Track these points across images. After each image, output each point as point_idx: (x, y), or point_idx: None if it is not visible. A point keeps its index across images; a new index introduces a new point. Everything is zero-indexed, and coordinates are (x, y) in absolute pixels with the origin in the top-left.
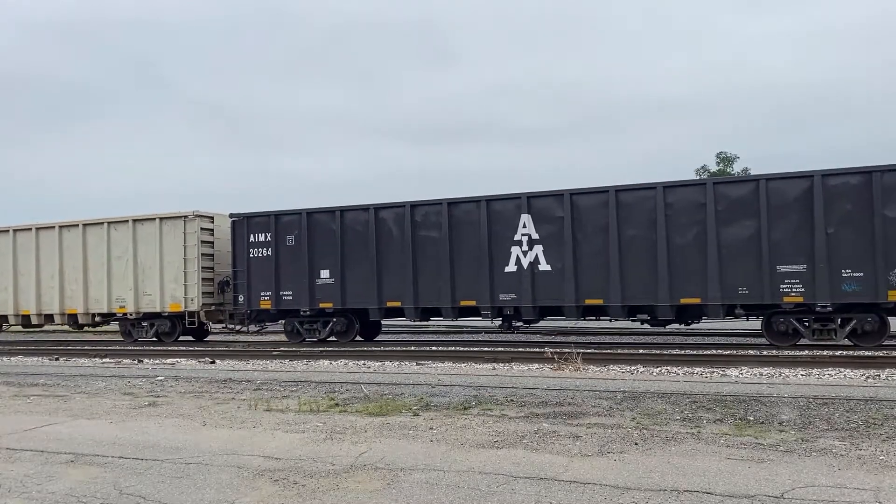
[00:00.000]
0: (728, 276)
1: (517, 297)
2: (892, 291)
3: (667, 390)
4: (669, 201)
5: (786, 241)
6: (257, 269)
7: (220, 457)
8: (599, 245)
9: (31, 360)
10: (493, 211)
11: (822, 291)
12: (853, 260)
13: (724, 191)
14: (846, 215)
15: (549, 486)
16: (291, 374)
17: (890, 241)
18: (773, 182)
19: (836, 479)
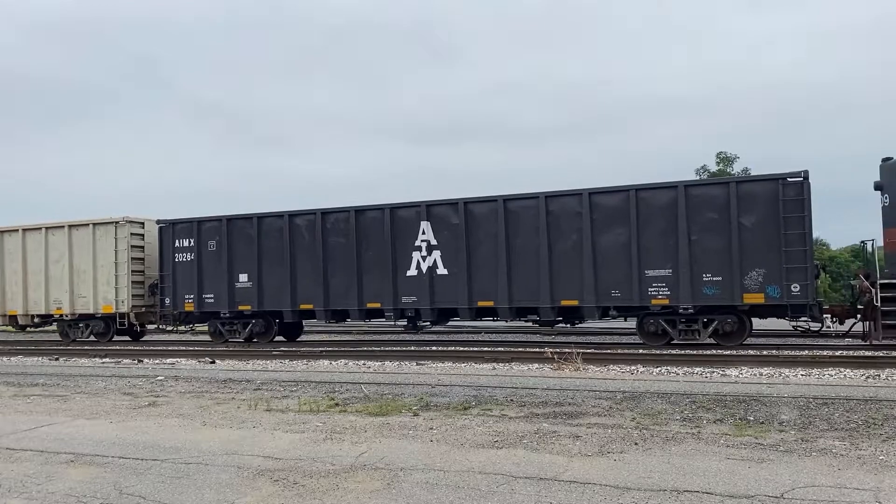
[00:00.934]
0: (602, 280)
1: (418, 299)
2: (747, 294)
3: (667, 390)
4: (551, 209)
5: (654, 248)
6: (182, 272)
7: (220, 457)
8: (490, 250)
9: (31, 360)
10: (397, 218)
11: (684, 295)
12: (713, 265)
13: (598, 200)
14: (707, 223)
15: (549, 486)
16: (291, 374)
17: (745, 247)
18: (643, 192)
19: (836, 479)
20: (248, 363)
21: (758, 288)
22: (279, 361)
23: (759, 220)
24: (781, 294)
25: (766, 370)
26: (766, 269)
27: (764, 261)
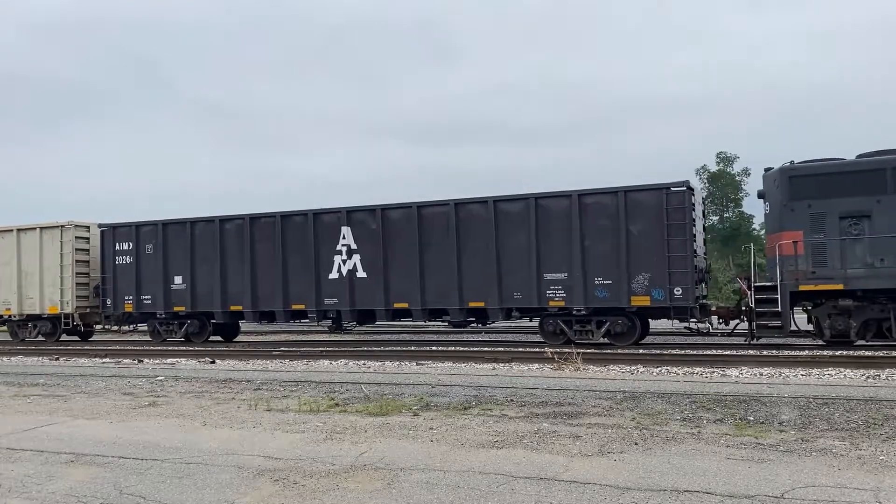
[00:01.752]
0: (506, 283)
1: (339, 301)
2: (634, 297)
3: (667, 390)
4: (461, 216)
5: (551, 253)
6: (122, 274)
7: (220, 457)
8: (405, 255)
9: (31, 360)
10: (320, 223)
11: (578, 297)
12: (604, 269)
13: (503, 207)
14: (599, 230)
15: (549, 486)
16: (291, 374)
17: (632, 253)
18: (542, 200)
19: (836, 479)
20: (248, 363)
21: (644, 291)
22: (279, 361)
23: (645, 227)
24: (665, 297)
25: (766, 370)
26: (651, 274)
27: (650, 265)
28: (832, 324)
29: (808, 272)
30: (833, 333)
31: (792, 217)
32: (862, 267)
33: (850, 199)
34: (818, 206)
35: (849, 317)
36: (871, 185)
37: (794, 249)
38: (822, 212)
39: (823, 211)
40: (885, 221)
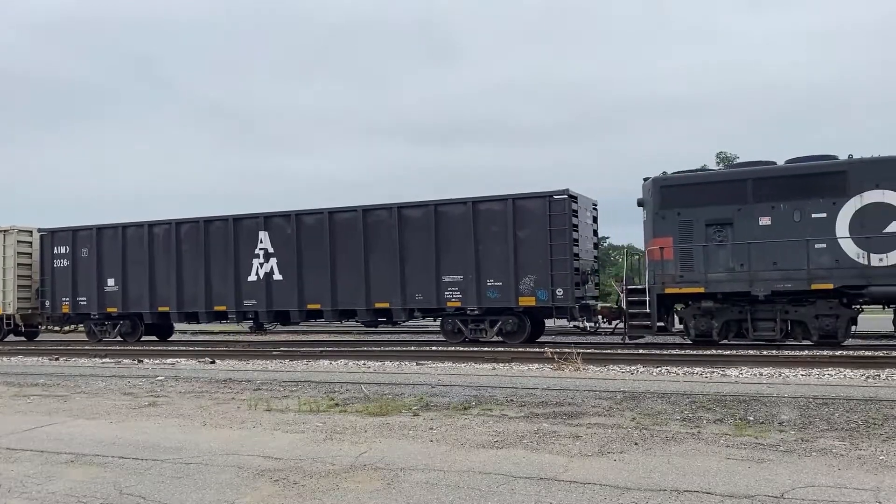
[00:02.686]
0: (408, 285)
1: (257, 302)
2: (521, 298)
3: (667, 390)
4: (368, 222)
5: (449, 256)
6: (60, 277)
7: (220, 457)
8: (318, 258)
9: (31, 360)
10: (240, 228)
11: (472, 298)
12: (495, 272)
13: (406, 213)
14: (491, 235)
15: (549, 486)
16: (291, 374)
17: (520, 256)
18: (441, 206)
19: (836, 479)
20: (248, 363)
21: (530, 292)
22: (279, 361)
23: (531, 232)
24: (548, 297)
25: (766, 370)
26: (536, 276)
27: (535, 268)
28: (696, 324)
29: (676, 276)
30: (697, 333)
31: (663, 224)
32: (724, 271)
33: (715, 208)
34: (686, 215)
35: (711, 318)
36: (733, 195)
37: (663, 255)
38: (690, 219)
39: (691, 219)
40: (745, 228)
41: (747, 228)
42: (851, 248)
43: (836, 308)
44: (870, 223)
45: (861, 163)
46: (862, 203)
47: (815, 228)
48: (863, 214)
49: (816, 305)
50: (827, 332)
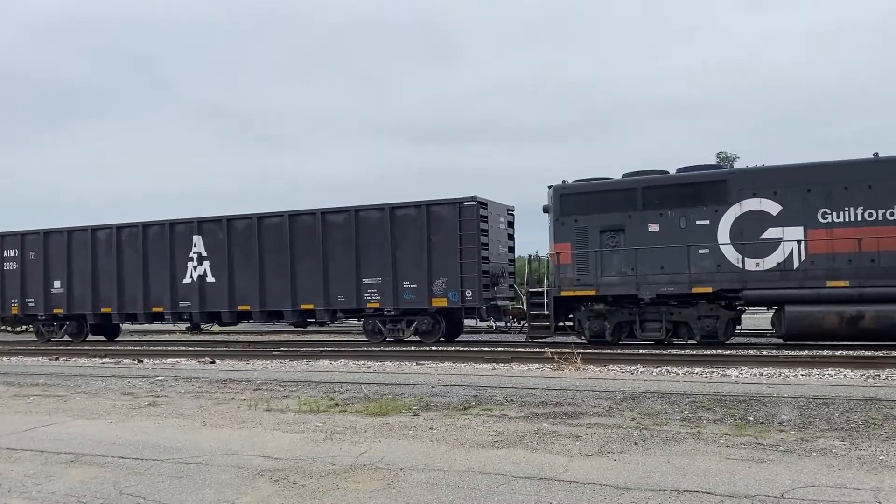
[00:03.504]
0: (331, 287)
1: (192, 304)
2: (434, 299)
3: (667, 390)
4: (294, 226)
5: (369, 259)
6: (10, 279)
7: (220, 457)
8: (248, 261)
9: (31, 360)
10: (176, 232)
11: (390, 299)
12: (411, 274)
13: (329, 218)
14: (407, 239)
15: (549, 486)
16: (291, 374)
17: (433, 259)
18: (361, 212)
19: (836, 479)
20: (248, 363)
21: (442, 293)
22: (279, 361)
23: (443, 237)
24: (458, 298)
25: (766, 370)
26: (447, 278)
27: (447, 270)
28: (590, 325)
29: (574, 280)
30: (592, 334)
31: (562, 230)
32: (616, 275)
33: (609, 215)
34: (583, 221)
35: (604, 319)
36: (625, 203)
37: (562, 259)
38: (586, 226)
39: (587, 225)
40: (636, 235)
41: (637, 235)
42: (732, 253)
43: (716, 310)
44: (748, 230)
45: (740, 172)
46: (741, 211)
47: (699, 235)
48: (742, 221)
49: (698, 307)
50: (708, 333)
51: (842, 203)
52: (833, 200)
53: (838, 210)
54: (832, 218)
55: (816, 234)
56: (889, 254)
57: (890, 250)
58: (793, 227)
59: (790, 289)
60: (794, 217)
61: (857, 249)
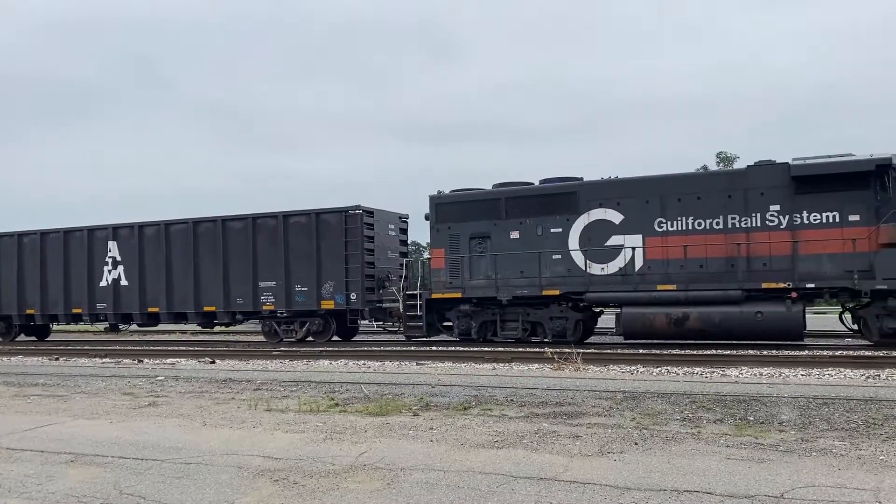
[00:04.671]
0: (231, 290)
1: (107, 306)
2: (323, 301)
3: (667, 390)
4: (198, 232)
5: (265, 264)
6: None
7: (220, 457)
8: (157, 266)
9: (31, 360)
10: (94, 238)
11: (283, 302)
12: (302, 278)
13: (230, 225)
14: (299, 244)
15: (549, 486)
16: (291, 374)
17: (322, 264)
18: (258, 219)
19: (836, 479)
20: (248, 363)
21: (330, 296)
22: (279, 361)
23: (330, 243)
24: (344, 301)
25: (766, 370)
26: (335, 282)
27: (334, 275)
28: (459, 325)
29: (447, 283)
30: (460, 332)
31: (438, 237)
32: (482, 279)
33: (477, 223)
34: (455, 229)
35: (470, 319)
36: (490, 212)
37: (438, 264)
38: (458, 233)
39: (458, 232)
40: (499, 241)
41: (501, 241)
42: (581, 258)
43: (566, 311)
44: (594, 237)
45: (589, 185)
46: (589, 220)
47: (553, 242)
48: (589, 230)
49: (550, 309)
50: (559, 332)
51: (675, 213)
52: (667, 211)
53: (672, 220)
54: (667, 227)
55: (653, 242)
56: (715, 260)
57: (716, 256)
58: (633, 235)
59: (625, 291)
60: (634, 226)
61: (688, 256)
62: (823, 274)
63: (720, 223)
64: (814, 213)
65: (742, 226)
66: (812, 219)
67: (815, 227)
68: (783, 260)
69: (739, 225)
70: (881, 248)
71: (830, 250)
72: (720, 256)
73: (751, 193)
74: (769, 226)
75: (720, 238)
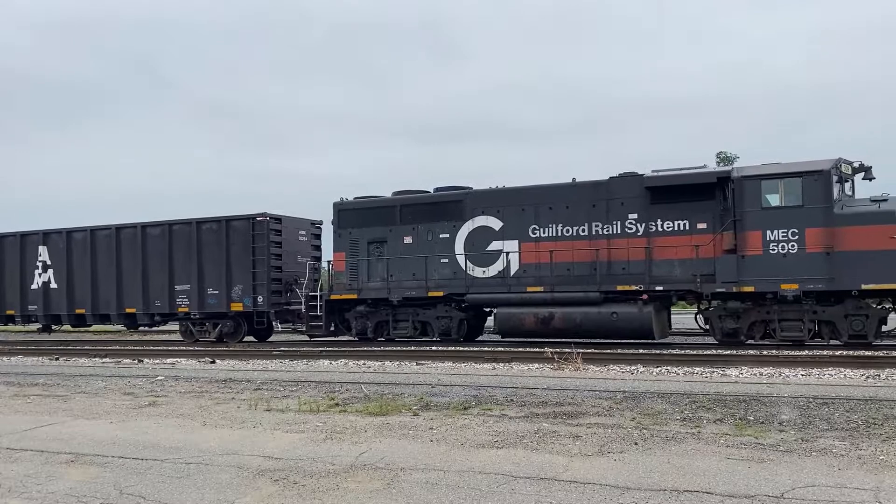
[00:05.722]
0: (150, 293)
1: (38, 307)
2: (233, 304)
3: (667, 390)
4: (121, 238)
5: (181, 268)
6: None
7: (220, 457)
8: (84, 270)
9: (31, 360)
10: (26, 242)
11: (196, 304)
12: (214, 281)
13: (149, 231)
14: (211, 249)
15: (549, 486)
16: (291, 373)
17: (232, 269)
18: (175, 225)
19: (836, 479)
20: (248, 363)
21: (239, 299)
22: (279, 361)
23: (239, 249)
24: (251, 304)
25: (766, 370)
26: (243, 285)
27: (242, 279)
28: (356, 325)
29: (347, 285)
30: (358, 332)
31: (340, 241)
32: (379, 281)
33: (375, 229)
34: (355, 234)
35: (367, 319)
36: (387, 218)
37: (339, 267)
38: (357, 238)
39: (358, 237)
40: (394, 246)
41: (396, 246)
42: (466, 262)
43: (450, 311)
44: (477, 242)
45: (474, 193)
46: (473, 226)
47: (441, 246)
48: (473, 235)
49: (437, 309)
50: (444, 331)
51: (547, 220)
52: (540, 218)
53: (544, 226)
54: (539, 233)
55: (528, 247)
56: (581, 264)
57: (582, 261)
58: (511, 241)
59: (500, 293)
60: (511, 232)
61: (557, 260)
62: (673, 278)
63: (585, 230)
64: (667, 222)
65: (604, 233)
66: (665, 227)
67: (668, 234)
68: (640, 264)
69: (602, 232)
70: (723, 253)
71: (681, 256)
72: (585, 261)
73: (612, 203)
74: (628, 233)
75: (585, 244)
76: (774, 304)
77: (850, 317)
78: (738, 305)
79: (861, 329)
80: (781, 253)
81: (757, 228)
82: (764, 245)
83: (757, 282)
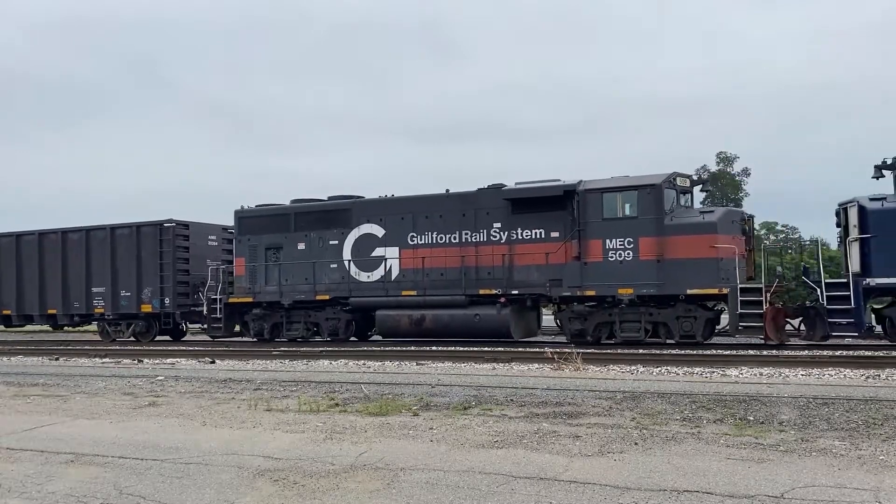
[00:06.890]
0: (70, 295)
1: None
2: (143, 305)
3: (667, 390)
4: (44, 243)
5: (98, 271)
6: None
7: (220, 457)
8: (9, 273)
9: (31, 360)
10: None
11: (110, 305)
12: (126, 284)
13: (69, 236)
14: (124, 254)
15: (549, 486)
16: (291, 374)
17: (142, 272)
18: (92, 231)
19: (836, 479)
20: (248, 363)
21: (148, 301)
22: (279, 361)
23: (149, 253)
24: (159, 305)
25: (766, 370)
26: (152, 288)
27: (152, 281)
28: (253, 326)
29: (246, 289)
30: (255, 333)
31: (240, 247)
32: (275, 285)
33: (272, 236)
34: (254, 240)
35: (263, 321)
36: (283, 226)
37: (239, 271)
38: (256, 244)
39: (256, 244)
40: (289, 252)
41: (291, 252)
42: (353, 268)
43: (338, 313)
44: (363, 249)
45: (360, 203)
46: (359, 234)
47: (331, 253)
48: (359, 242)
49: (326, 311)
50: (332, 331)
51: (423, 228)
52: (418, 226)
53: (421, 234)
54: (417, 240)
55: (407, 254)
56: (452, 269)
57: (453, 267)
58: (392, 248)
59: (379, 296)
60: (393, 239)
61: (432, 265)
62: (530, 282)
63: (457, 238)
64: (526, 230)
65: (472, 240)
66: (524, 235)
67: (526, 242)
68: (502, 270)
69: (471, 240)
70: (570, 260)
71: (537, 262)
72: (456, 266)
73: (480, 213)
74: (493, 240)
75: (456, 251)
76: (615, 307)
77: (680, 319)
78: (584, 308)
79: (690, 330)
80: (619, 260)
81: (598, 237)
82: (604, 253)
83: (598, 286)
